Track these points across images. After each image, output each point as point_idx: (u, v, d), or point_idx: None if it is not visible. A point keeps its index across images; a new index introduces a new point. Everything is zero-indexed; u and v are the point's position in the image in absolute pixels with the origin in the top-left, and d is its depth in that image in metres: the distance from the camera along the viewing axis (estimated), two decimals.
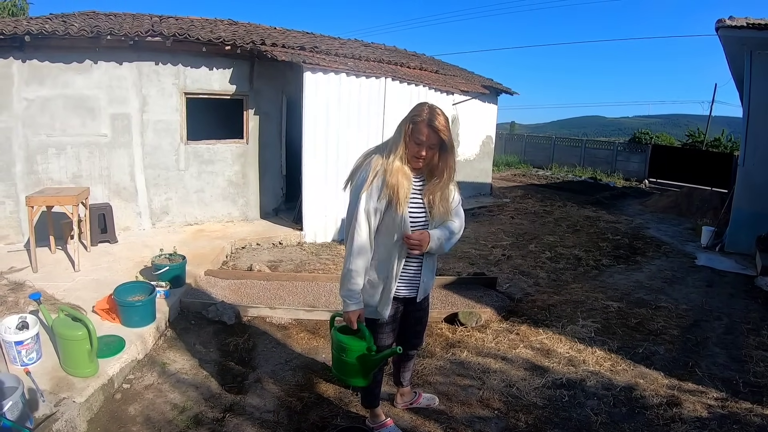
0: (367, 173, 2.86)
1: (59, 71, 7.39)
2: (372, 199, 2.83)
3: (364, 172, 2.89)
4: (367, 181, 2.83)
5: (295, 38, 10.21)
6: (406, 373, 3.73)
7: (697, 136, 32.41)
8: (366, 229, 2.86)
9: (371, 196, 2.83)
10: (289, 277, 6.51)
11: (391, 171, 2.81)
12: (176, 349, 4.68)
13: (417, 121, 2.80)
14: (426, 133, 2.78)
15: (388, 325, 3.17)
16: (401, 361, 3.65)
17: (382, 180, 2.82)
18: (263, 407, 3.81)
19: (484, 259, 8.26)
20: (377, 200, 2.83)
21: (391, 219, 2.88)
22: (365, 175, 2.87)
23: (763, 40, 8.99)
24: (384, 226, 2.92)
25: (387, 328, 3.18)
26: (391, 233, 2.91)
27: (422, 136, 2.78)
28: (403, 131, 2.84)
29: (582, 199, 16.23)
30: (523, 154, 28.96)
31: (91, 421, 3.52)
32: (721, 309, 6.44)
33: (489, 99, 15.19)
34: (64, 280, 5.84)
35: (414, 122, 2.81)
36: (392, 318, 3.17)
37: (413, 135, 2.80)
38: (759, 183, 9.39)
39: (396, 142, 2.86)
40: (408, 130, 2.82)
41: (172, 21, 9.20)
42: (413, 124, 2.81)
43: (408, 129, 2.82)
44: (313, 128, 8.33)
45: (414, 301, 3.22)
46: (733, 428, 3.79)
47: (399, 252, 2.95)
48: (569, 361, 4.76)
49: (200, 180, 8.97)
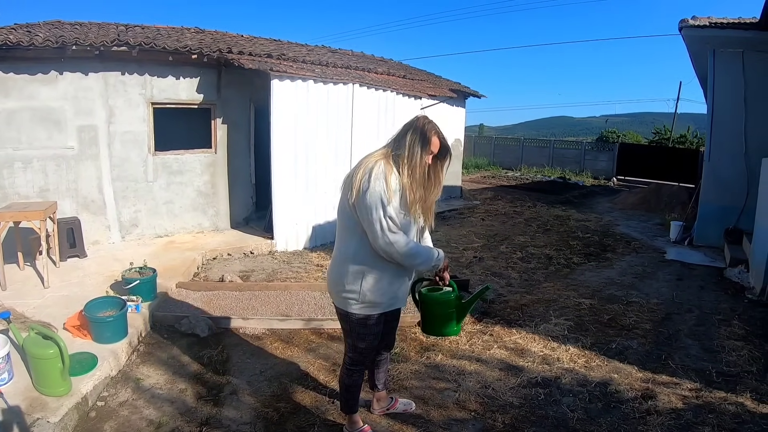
0: (383, 182, 2.87)
1: (24, 83, 7.24)
2: (391, 205, 2.87)
3: (380, 181, 2.87)
4: (387, 190, 2.86)
5: (262, 45, 10.18)
6: (381, 374, 3.73)
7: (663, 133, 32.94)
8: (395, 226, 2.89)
9: (390, 202, 2.86)
10: (262, 287, 6.47)
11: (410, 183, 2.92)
12: (150, 364, 4.61)
13: (431, 136, 2.95)
14: (438, 144, 2.96)
15: (377, 326, 3.20)
16: (376, 364, 3.66)
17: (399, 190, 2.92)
18: (240, 419, 3.77)
19: (455, 262, 8.28)
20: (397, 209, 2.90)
21: (407, 222, 3.00)
22: (382, 183, 2.87)
23: (726, 39, 9.24)
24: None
25: (375, 329, 3.20)
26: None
27: (435, 147, 2.95)
28: (417, 142, 2.93)
29: (552, 198, 16.42)
30: (493, 156, 29.19)
31: None
32: (691, 301, 6.57)
33: (457, 102, 15.26)
34: (34, 297, 5.72)
35: (427, 137, 2.94)
36: (383, 319, 3.22)
37: (427, 146, 2.92)
38: (725, 177, 9.61)
39: (412, 154, 2.92)
40: (421, 141, 2.93)
41: (138, 30, 9.09)
42: (427, 138, 2.94)
43: (421, 140, 2.93)
44: (281, 136, 8.29)
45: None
46: (708, 418, 3.87)
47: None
48: (544, 360, 4.81)
49: (169, 191, 8.87)
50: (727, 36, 9.16)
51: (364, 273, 3.02)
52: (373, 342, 3.25)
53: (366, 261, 3.01)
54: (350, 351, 3.32)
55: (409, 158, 2.91)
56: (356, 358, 3.30)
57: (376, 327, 3.19)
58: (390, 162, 2.94)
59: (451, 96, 14.27)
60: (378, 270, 3.02)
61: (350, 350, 3.32)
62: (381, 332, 3.26)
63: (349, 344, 3.32)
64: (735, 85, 9.47)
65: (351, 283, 3.05)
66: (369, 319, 3.13)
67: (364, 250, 2.99)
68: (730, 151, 9.60)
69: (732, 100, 9.53)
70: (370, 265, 3.01)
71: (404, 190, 2.91)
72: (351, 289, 3.06)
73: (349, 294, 3.08)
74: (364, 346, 3.23)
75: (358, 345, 3.24)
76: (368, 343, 3.23)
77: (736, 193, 9.46)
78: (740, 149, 9.47)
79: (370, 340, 3.22)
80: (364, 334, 3.19)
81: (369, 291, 3.03)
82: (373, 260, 3.00)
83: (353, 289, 3.05)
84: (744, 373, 4.63)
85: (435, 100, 12.86)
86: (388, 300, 3.12)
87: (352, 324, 3.17)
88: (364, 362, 3.35)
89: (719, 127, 9.78)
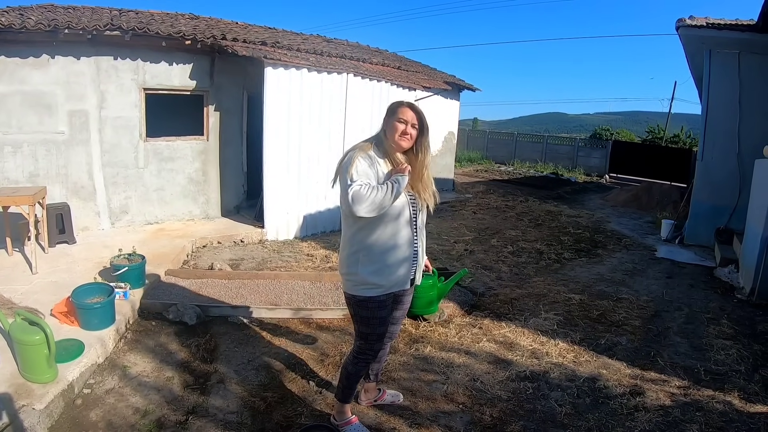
0: (354, 164, 2.95)
1: (16, 66, 7.17)
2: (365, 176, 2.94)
3: (351, 164, 2.96)
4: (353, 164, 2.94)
5: (256, 33, 10.12)
6: (376, 364, 3.72)
7: (657, 132, 33.07)
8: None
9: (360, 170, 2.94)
10: (251, 276, 6.44)
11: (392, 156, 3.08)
12: (137, 352, 4.58)
13: (399, 106, 3.09)
14: (408, 112, 3.04)
15: (380, 310, 3.20)
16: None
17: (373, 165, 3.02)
18: (226, 408, 3.75)
19: (446, 255, 8.29)
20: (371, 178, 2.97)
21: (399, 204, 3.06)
22: (351, 158, 2.99)
23: (722, 40, 9.25)
24: (389, 209, 3.00)
25: (379, 313, 3.20)
26: (394, 216, 3.06)
27: (405, 115, 3.03)
28: (386, 121, 3.11)
29: (544, 194, 16.44)
30: (486, 150, 29.21)
31: (51, 428, 3.42)
32: (681, 299, 6.59)
33: (451, 95, 15.27)
34: (22, 282, 5.66)
35: (397, 107, 3.08)
36: (388, 305, 3.25)
37: (397, 116, 3.04)
38: (717, 177, 9.65)
39: (387, 127, 3.10)
40: (392, 117, 3.07)
41: (132, 15, 9.01)
42: (396, 108, 3.08)
43: (391, 116, 3.07)
44: (274, 124, 8.24)
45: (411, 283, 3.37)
46: (696, 415, 3.88)
47: (405, 229, 3.13)
48: (532, 354, 4.81)
49: (160, 178, 8.81)
50: (724, 37, 9.17)
51: (361, 254, 3.08)
52: (378, 328, 3.24)
53: (363, 243, 3.08)
54: (357, 338, 3.34)
55: (387, 132, 3.08)
56: (363, 346, 3.30)
57: (380, 311, 3.19)
58: (371, 147, 3.10)
59: (446, 88, 14.25)
60: (375, 252, 3.08)
61: (357, 337, 3.34)
62: (386, 319, 3.27)
63: (356, 331, 3.35)
64: (730, 86, 9.49)
65: (351, 265, 3.13)
66: (370, 301, 3.14)
67: (361, 233, 3.07)
68: (723, 152, 9.63)
69: (727, 100, 9.55)
70: (366, 248, 3.08)
71: (385, 165, 3.06)
72: (351, 270, 3.14)
73: (349, 276, 3.16)
74: (369, 332, 3.24)
75: (363, 330, 3.26)
76: (372, 329, 3.23)
77: (728, 193, 9.49)
78: (733, 150, 9.49)
79: (375, 326, 3.22)
80: (366, 318, 3.20)
81: (367, 272, 3.08)
82: (369, 242, 3.07)
83: (352, 271, 3.12)
84: (732, 372, 4.64)
85: (429, 92, 12.83)
86: (388, 282, 3.14)
87: (354, 307, 3.22)
88: (370, 351, 3.34)
89: (713, 127, 9.81)
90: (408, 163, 3.08)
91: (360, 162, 2.94)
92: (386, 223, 3.04)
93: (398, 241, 3.09)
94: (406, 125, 3.02)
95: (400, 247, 3.11)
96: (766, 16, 7.88)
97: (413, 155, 3.10)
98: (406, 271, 3.20)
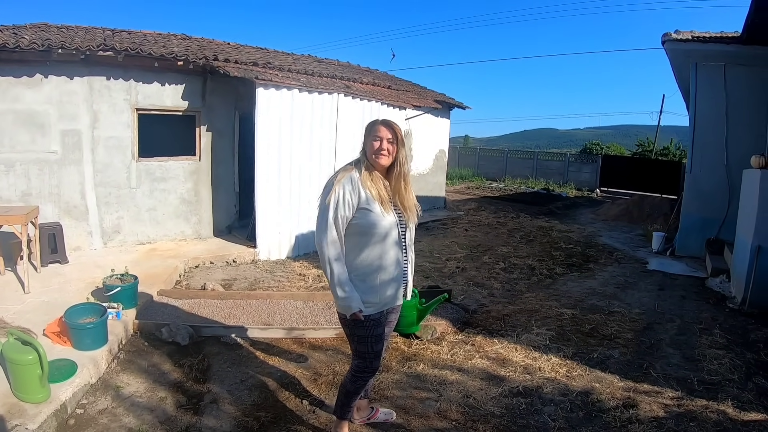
0: (333, 184, 3.06)
1: (9, 85, 7.21)
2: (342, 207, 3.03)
3: (330, 184, 3.09)
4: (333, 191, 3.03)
5: (248, 54, 10.18)
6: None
7: (646, 145, 33.32)
8: (335, 233, 3.04)
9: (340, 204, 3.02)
10: (243, 296, 6.44)
11: (366, 179, 3.09)
12: (130, 372, 4.57)
13: (374, 124, 3.17)
14: (381, 129, 3.11)
15: (374, 328, 3.21)
16: None
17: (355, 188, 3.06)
18: (220, 428, 3.74)
19: (438, 272, 8.30)
20: (348, 207, 3.04)
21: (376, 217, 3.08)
22: (332, 184, 3.08)
23: (708, 52, 9.39)
24: (377, 230, 3.08)
25: (373, 331, 3.22)
26: (381, 236, 3.11)
27: (379, 133, 3.10)
28: (364, 142, 3.19)
29: (535, 209, 16.52)
30: (477, 167, 29.37)
31: None
32: (673, 311, 6.63)
33: (442, 113, 15.36)
34: (14, 302, 5.65)
35: (371, 126, 3.17)
36: (382, 322, 3.26)
37: (372, 135, 3.12)
38: (706, 189, 9.74)
39: (365, 146, 3.17)
40: (368, 137, 3.15)
41: (125, 35, 9.08)
42: (372, 127, 3.16)
43: (368, 136, 3.16)
44: (266, 144, 8.27)
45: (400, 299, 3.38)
46: (690, 426, 3.89)
47: (393, 249, 3.16)
48: (525, 369, 4.81)
49: (152, 198, 8.81)
50: (710, 50, 9.31)
51: (352, 275, 3.10)
52: (375, 346, 3.25)
53: (351, 264, 3.12)
54: (355, 357, 3.35)
55: (367, 153, 3.15)
56: (362, 365, 3.30)
57: (375, 329, 3.21)
58: (353, 169, 3.14)
59: (436, 107, 14.35)
60: (364, 272, 3.12)
61: (355, 356, 3.35)
62: (382, 336, 3.27)
63: (353, 351, 3.36)
64: (717, 98, 9.62)
65: None
66: (366, 320, 3.14)
67: (350, 255, 3.11)
68: (712, 163, 9.73)
69: (714, 112, 9.68)
70: (355, 268, 3.12)
71: (366, 184, 3.08)
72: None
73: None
74: (366, 350, 3.25)
75: (360, 349, 3.27)
76: (370, 347, 3.24)
77: (718, 204, 9.58)
78: (721, 161, 9.60)
79: (372, 344, 3.23)
80: (363, 337, 3.21)
81: (359, 292, 3.09)
82: (357, 263, 3.11)
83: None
84: (725, 381, 4.67)
85: (420, 111, 12.92)
86: (380, 300, 3.16)
87: (349, 326, 3.23)
88: (369, 369, 3.33)
89: (701, 139, 9.92)
90: (388, 180, 3.17)
91: (339, 191, 3.02)
92: (374, 244, 3.08)
93: (385, 262, 3.12)
94: (381, 141, 3.08)
95: (387, 268, 3.14)
96: (750, 28, 8.01)
97: (392, 170, 3.18)
98: (394, 291, 3.23)
